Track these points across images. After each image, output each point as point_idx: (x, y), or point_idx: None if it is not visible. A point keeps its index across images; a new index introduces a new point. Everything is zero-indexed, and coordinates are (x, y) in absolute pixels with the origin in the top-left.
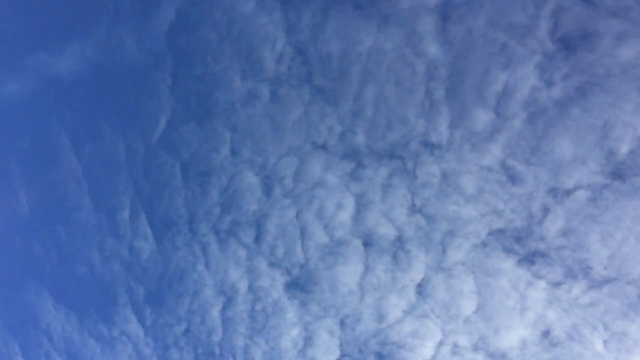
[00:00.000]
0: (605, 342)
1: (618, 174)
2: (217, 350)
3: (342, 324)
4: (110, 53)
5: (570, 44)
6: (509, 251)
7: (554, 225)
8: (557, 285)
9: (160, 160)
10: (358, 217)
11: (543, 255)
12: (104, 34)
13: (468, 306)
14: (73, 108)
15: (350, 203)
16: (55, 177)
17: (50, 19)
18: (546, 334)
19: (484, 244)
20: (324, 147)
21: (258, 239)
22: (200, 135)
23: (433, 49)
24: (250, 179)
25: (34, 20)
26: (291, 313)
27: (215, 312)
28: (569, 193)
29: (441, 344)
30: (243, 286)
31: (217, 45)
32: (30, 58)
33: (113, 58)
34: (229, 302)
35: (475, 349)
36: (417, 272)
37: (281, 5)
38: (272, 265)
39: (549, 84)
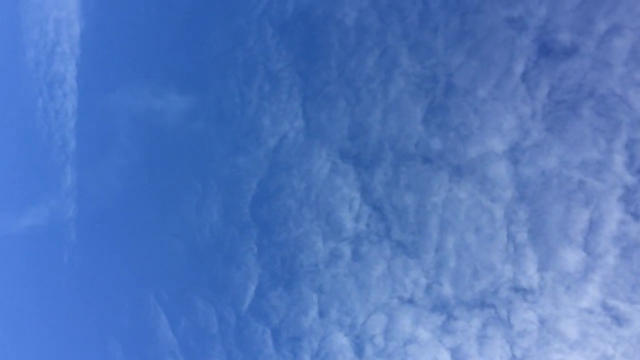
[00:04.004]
0: None
1: None
2: None
3: None
4: (200, 229)
5: None
6: None
7: None
8: None
9: (251, 328)
10: None
11: None
12: (194, 212)
13: None
14: (167, 285)
15: (445, 358)
16: (153, 353)
17: (145, 206)
18: None
19: None
20: (411, 301)
21: None
22: (288, 299)
23: (508, 193)
24: (340, 340)
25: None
26: None
27: None
28: None
29: None
30: None
31: (297, 210)
32: (128, 247)
33: (202, 233)
34: None
35: None
36: None
37: (353, 167)
38: None
39: (636, 216)
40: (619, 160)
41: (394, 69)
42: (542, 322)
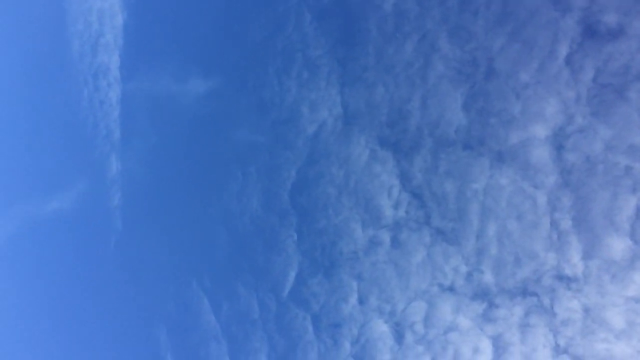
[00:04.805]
0: None
1: None
2: None
3: None
4: (241, 216)
5: None
6: None
7: None
8: None
9: (291, 314)
10: None
11: None
12: (235, 200)
13: None
14: (209, 271)
15: (487, 346)
16: (196, 338)
17: (187, 194)
18: None
19: None
20: (451, 289)
21: None
22: (328, 286)
23: (551, 179)
24: (380, 327)
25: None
26: None
27: None
28: None
29: None
30: None
31: (336, 198)
32: (172, 235)
33: (243, 220)
34: None
35: None
36: None
37: (392, 154)
38: None
39: None
40: None
41: (433, 53)
42: (586, 310)
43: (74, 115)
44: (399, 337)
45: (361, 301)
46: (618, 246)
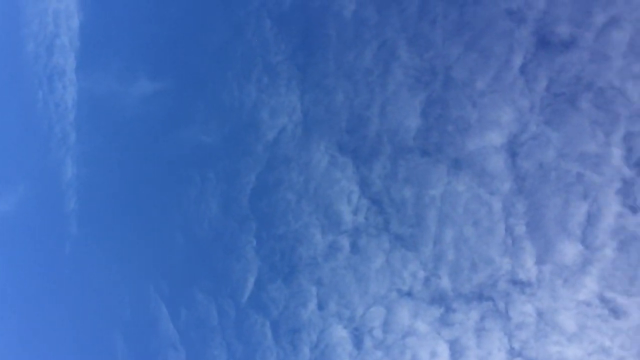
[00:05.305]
0: None
1: None
2: None
3: None
4: (199, 221)
5: None
6: None
7: None
8: None
9: (250, 320)
10: None
11: None
12: (193, 205)
13: None
14: (167, 277)
15: (444, 350)
16: (154, 345)
17: (145, 199)
18: None
19: None
20: (409, 294)
21: None
22: (287, 292)
23: (506, 185)
24: (340, 332)
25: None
26: None
27: None
28: None
29: None
30: None
31: (295, 203)
32: (129, 240)
33: (201, 226)
34: None
35: None
36: None
37: (352, 160)
38: None
39: (634, 209)
40: (617, 153)
41: (392, 61)
42: (540, 314)
43: (28, 117)
44: (357, 342)
45: (320, 307)
46: (570, 251)
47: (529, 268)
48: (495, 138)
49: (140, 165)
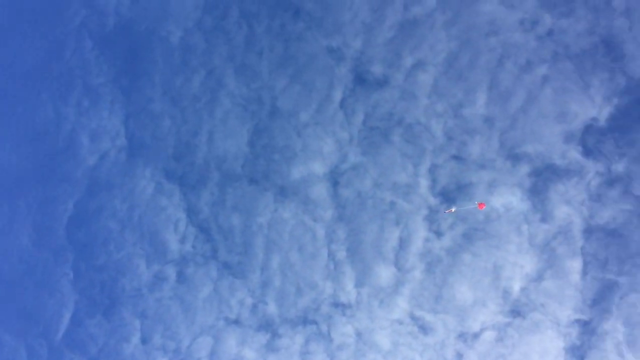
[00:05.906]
0: None
1: (517, 311)
2: None
3: None
4: (7, 255)
5: (449, 195)
6: None
7: None
8: None
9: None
10: None
11: None
12: (0, 237)
13: None
14: None
15: None
16: None
17: None
18: None
19: None
20: (237, 322)
21: None
22: (107, 326)
23: (329, 213)
24: None
25: None
26: None
27: None
28: (476, 335)
29: None
30: None
31: (118, 232)
32: None
33: (9, 260)
34: None
35: None
36: None
37: (179, 187)
38: None
39: (438, 234)
40: (423, 183)
41: (220, 89)
42: (358, 334)
43: None
44: None
45: (144, 340)
46: (385, 274)
47: (349, 291)
48: (319, 167)
49: None
